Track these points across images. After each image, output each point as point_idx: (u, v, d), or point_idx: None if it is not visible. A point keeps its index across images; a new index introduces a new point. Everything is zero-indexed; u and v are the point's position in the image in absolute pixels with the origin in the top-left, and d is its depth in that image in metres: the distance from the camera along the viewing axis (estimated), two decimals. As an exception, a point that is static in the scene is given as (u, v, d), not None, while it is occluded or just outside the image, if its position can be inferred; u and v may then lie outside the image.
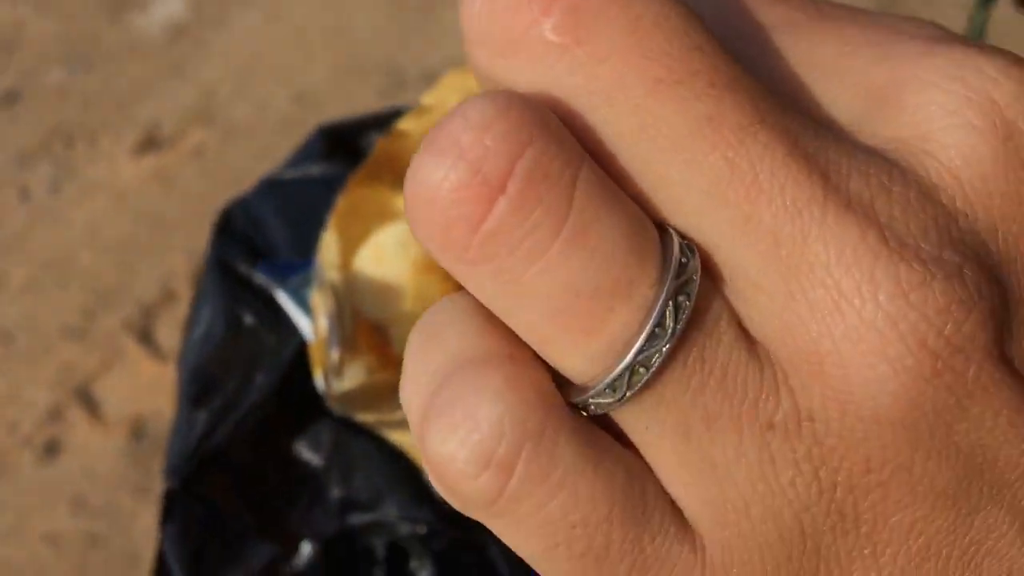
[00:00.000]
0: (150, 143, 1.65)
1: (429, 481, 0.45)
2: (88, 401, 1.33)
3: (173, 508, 0.45)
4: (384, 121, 0.65)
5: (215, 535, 0.44)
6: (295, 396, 0.48)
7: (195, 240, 1.53)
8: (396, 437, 0.45)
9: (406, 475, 0.46)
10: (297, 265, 0.51)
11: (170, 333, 1.39)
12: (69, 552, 1.16)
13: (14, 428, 1.30)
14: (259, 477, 0.46)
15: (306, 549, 0.44)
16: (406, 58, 1.72)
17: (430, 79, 1.61)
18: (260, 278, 0.52)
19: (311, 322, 0.48)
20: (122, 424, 1.30)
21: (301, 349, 0.49)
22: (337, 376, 0.45)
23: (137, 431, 1.30)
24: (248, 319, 0.51)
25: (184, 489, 0.45)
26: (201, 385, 0.48)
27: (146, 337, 1.40)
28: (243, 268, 0.54)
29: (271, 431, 0.47)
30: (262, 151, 1.66)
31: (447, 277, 0.53)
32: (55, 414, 1.31)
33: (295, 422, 0.48)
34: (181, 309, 1.45)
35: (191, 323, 0.53)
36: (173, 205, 1.58)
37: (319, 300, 0.47)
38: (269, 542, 0.43)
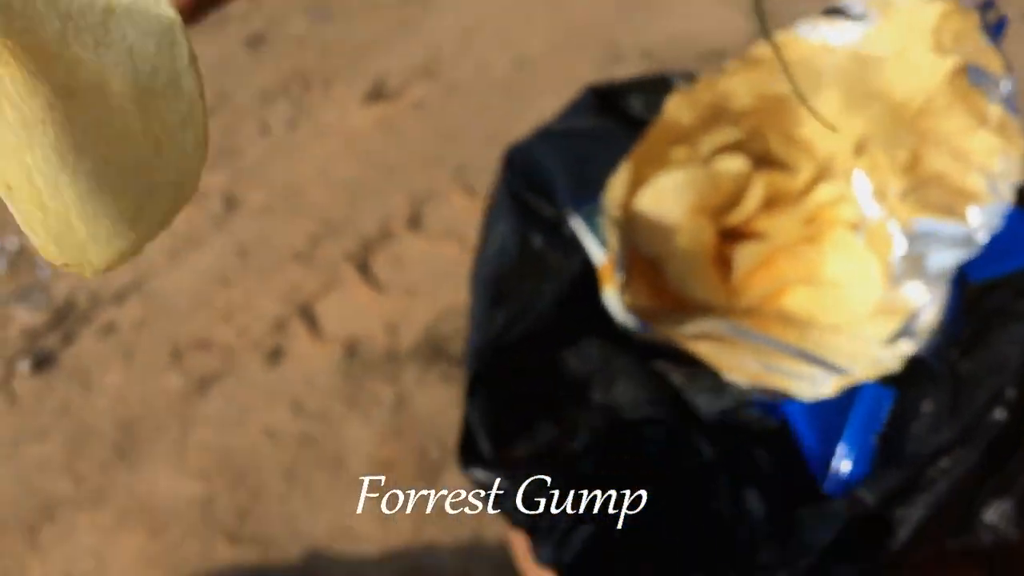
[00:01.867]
0: (378, 94, 1.74)
1: (694, 400, 0.52)
2: (309, 317, 1.41)
3: (476, 388, 0.54)
4: (646, 86, 0.71)
5: (508, 412, 0.53)
6: (573, 312, 0.57)
7: (414, 183, 1.62)
8: (691, 346, 0.53)
9: (668, 394, 0.54)
10: (581, 199, 0.60)
11: (384, 266, 1.46)
12: (284, 447, 1.25)
13: (244, 332, 1.38)
14: (541, 373, 0.55)
15: (583, 433, 0.52)
16: (623, 34, 1.76)
17: (646, 56, 1.66)
18: (548, 209, 0.60)
19: (600, 245, 0.56)
20: (337, 341, 1.37)
21: (581, 271, 0.57)
22: (624, 293, 0.53)
23: (350, 349, 1.36)
24: (537, 242, 0.59)
25: (484, 373, 0.54)
26: (497, 291, 0.57)
27: (363, 267, 1.47)
28: (531, 199, 0.62)
29: (552, 338, 0.56)
30: (479, 108, 1.72)
31: (716, 220, 0.60)
32: (280, 325, 1.40)
33: (570, 335, 0.57)
34: (396, 246, 1.53)
35: (483, 240, 0.62)
36: (395, 151, 1.65)
37: (610, 228, 0.55)
38: (552, 423, 0.52)
